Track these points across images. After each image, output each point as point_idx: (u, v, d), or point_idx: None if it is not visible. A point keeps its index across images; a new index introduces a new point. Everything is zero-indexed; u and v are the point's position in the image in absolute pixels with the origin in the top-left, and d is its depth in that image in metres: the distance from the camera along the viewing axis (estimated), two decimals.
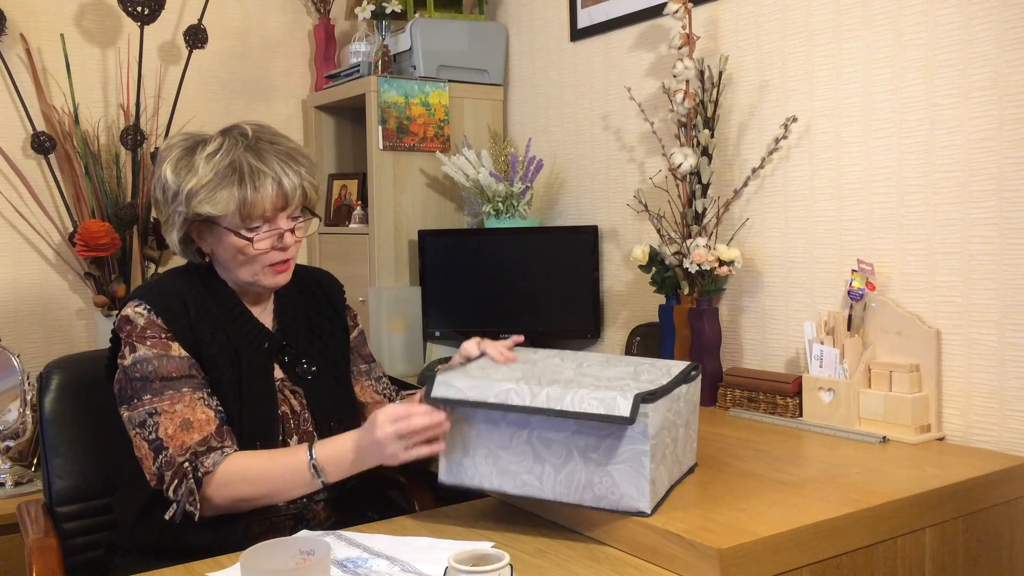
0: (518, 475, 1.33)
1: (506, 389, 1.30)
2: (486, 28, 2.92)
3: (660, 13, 2.26)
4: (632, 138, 2.48)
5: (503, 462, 1.34)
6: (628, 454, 1.26)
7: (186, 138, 1.50)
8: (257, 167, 1.43)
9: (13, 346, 2.44)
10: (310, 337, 1.60)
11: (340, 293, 1.70)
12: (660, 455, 1.30)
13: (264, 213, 1.44)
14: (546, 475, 1.31)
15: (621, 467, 1.27)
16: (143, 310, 1.44)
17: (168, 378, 1.41)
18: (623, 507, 1.28)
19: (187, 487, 1.36)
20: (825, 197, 1.98)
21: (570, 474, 1.30)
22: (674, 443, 1.38)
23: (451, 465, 1.38)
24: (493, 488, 1.36)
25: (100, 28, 2.81)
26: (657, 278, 2.20)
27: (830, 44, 1.96)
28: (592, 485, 1.29)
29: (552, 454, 1.31)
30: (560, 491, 1.31)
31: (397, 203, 2.77)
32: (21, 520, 1.65)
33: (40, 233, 2.71)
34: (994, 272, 1.69)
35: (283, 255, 1.48)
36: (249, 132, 1.48)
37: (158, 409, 1.39)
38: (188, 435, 1.38)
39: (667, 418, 1.32)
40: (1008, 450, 1.66)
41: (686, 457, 1.47)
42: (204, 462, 1.37)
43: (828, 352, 1.84)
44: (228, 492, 1.37)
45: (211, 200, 1.42)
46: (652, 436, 1.26)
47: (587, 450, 1.28)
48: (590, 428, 1.28)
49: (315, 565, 1.08)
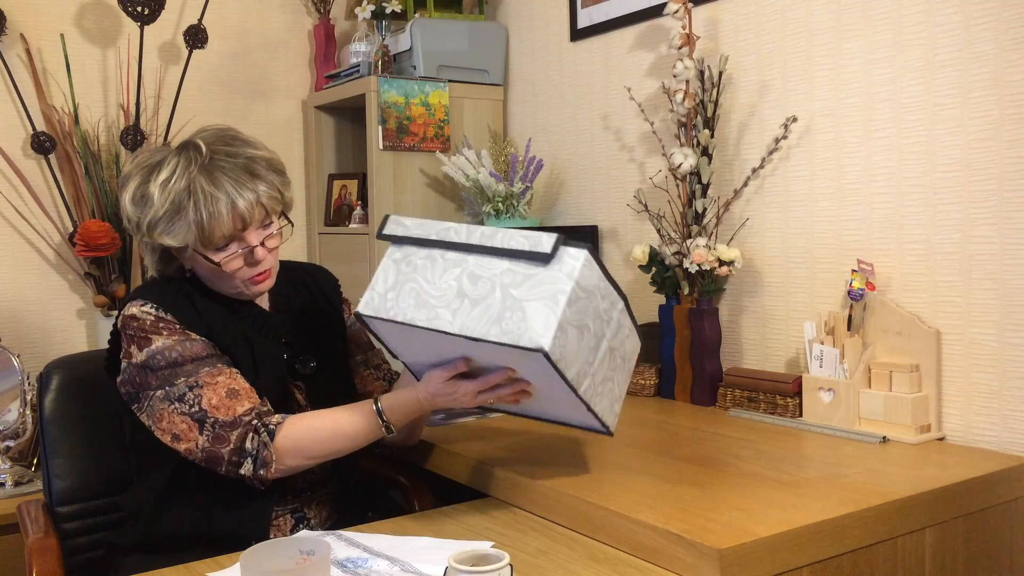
0: (434, 308, 1.32)
1: (447, 227, 1.36)
2: (486, 28, 2.92)
3: (660, 13, 2.26)
4: (632, 138, 2.48)
5: (425, 295, 1.34)
6: (547, 292, 1.26)
7: (143, 160, 1.47)
8: (210, 192, 1.39)
9: (13, 346, 2.44)
10: (308, 332, 1.60)
11: (335, 286, 1.70)
12: (578, 320, 1.28)
13: (225, 236, 1.42)
14: (462, 310, 1.30)
15: (535, 304, 1.26)
16: (150, 308, 1.43)
17: (198, 358, 1.40)
18: (524, 342, 1.24)
19: (261, 440, 1.36)
20: (825, 197, 1.98)
21: (485, 308, 1.29)
22: (595, 340, 1.34)
23: (374, 296, 1.39)
24: (405, 320, 1.33)
25: (100, 28, 2.81)
26: (657, 278, 2.20)
27: (830, 44, 1.96)
28: (502, 319, 1.27)
29: (476, 289, 1.31)
30: (469, 325, 1.29)
31: (397, 203, 2.77)
32: (21, 520, 1.65)
33: (40, 233, 2.71)
34: (994, 272, 1.69)
35: (257, 269, 1.47)
36: (203, 148, 1.44)
37: (199, 382, 1.39)
38: (239, 402, 1.38)
39: (596, 301, 1.32)
40: (1008, 450, 1.66)
41: (603, 394, 1.41)
42: (270, 419, 1.39)
43: (828, 352, 1.84)
44: (298, 446, 1.39)
45: (170, 232, 1.41)
46: (577, 282, 1.26)
47: (510, 287, 1.29)
48: (520, 266, 1.30)
49: (315, 565, 1.08)
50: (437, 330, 1.30)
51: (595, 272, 1.31)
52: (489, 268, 1.31)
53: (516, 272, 1.30)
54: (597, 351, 1.36)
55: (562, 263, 1.28)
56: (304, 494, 1.53)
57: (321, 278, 1.69)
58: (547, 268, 1.28)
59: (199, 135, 1.48)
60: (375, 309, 1.38)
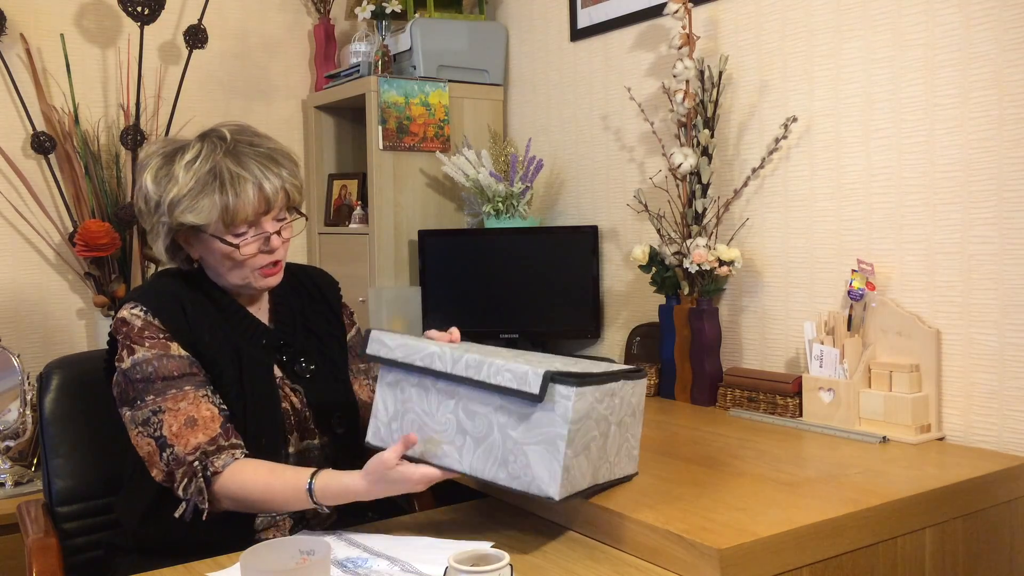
0: (439, 444, 1.31)
1: (431, 353, 1.32)
2: (486, 28, 2.92)
3: (660, 13, 2.26)
4: (632, 138, 2.48)
5: (428, 429, 1.32)
6: (545, 435, 1.23)
7: (164, 145, 1.48)
8: (237, 172, 1.42)
9: (13, 346, 2.44)
10: (307, 335, 1.59)
11: (336, 291, 1.69)
12: (582, 445, 1.26)
13: (247, 218, 1.43)
14: (466, 447, 1.29)
15: (536, 448, 1.23)
16: (139, 312, 1.44)
17: (169, 377, 1.41)
18: (533, 490, 1.24)
19: (196, 486, 1.36)
20: (825, 197, 1.98)
21: (488, 449, 1.27)
22: (603, 438, 1.32)
23: (379, 427, 1.38)
24: (414, 454, 1.33)
25: (100, 28, 2.81)
26: (657, 278, 2.20)
27: (830, 44, 1.96)
28: (507, 463, 1.26)
29: (475, 426, 1.28)
30: (477, 466, 1.28)
31: (397, 203, 2.77)
32: (21, 520, 1.65)
33: (40, 233, 2.71)
34: (994, 272, 1.69)
35: (271, 257, 1.48)
36: (227, 136, 1.46)
37: (162, 407, 1.39)
38: (194, 434, 1.38)
39: (597, 410, 1.28)
40: (1008, 450, 1.67)
41: (620, 460, 1.40)
42: (214, 462, 1.37)
43: (828, 352, 1.84)
44: (229, 497, 1.38)
45: (193, 209, 1.41)
46: (573, 421, 1.22)
47: (507, 427, 1.26)
48: (512, 404, 1.25)
49: (315, 565, 1.08)
50: (449, 468, 1.31)
51: (588, 397, 1.25)
52: (483, 403, 1.28)
53: (510, 411, 1.26)
54: (606, 441, 1.34)
55: (555, 403, 1.22)
56: None
57: (322, 282, 1.68)
58: (540, 408, 1.24)
59: (219, 126, 1.50)
60: (383, 440, 1.38)
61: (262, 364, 1.50)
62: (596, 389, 1.27)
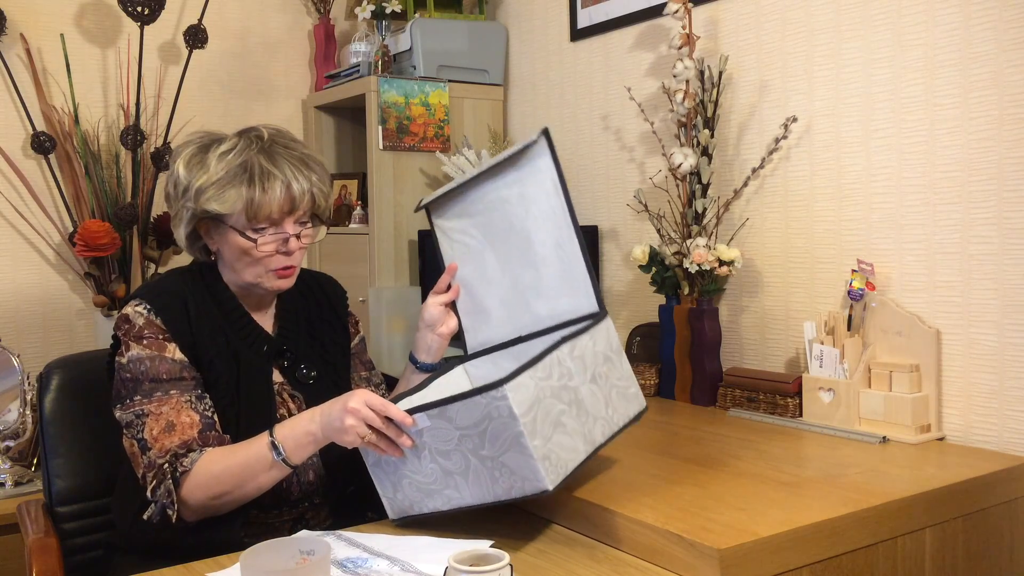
0: (440, 492, 1.33)
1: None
2: (486, 28, 2.92)
3: (660, 13, 2.26)
4: (632, 138, 2.48)
5: (423, 485, 1.34)
6: (508, 441, 1.23)
7: (202, 136, 1.51)
8: (268, 169, 1.44)
9: (13, 346, 2.44)
10: (311, 342, 1.59)
11: (343, 299, 1.70)
12: (551, 425, 1.26)
13: (271, 215, 1.44)
14: (460, 485, 1.31)
15: (510, 455, 1.23)
16: (143, 309, 1.44)
17: (158, 380, 1.41)
18: (528, 492, 1.25)
19: (165, 487, 1.36)
20: (825, 197, 1.98)
21: (476, 476, 1.29)
22: (575, 405, 1.32)
23: (391, 502, 1.40)
24: (430, 510, 1.36)
25: (100, 28, 2.81)
26: (657, 278, 2.20)
27: (830, 44, 1.96)
28: (496, 480, 1.27)
29: (454, 464, 1.30)
30: (478, 494, 1.30)
31: (397, 203, 2.77)
32: (21, 520, 1.65)
33: (40, 233, 2.71)
34: (994, 272, 1.69)
35: (287, 260, 1.48)
36: (265, 135, 1.49)
37: (145, 411, 1.40)
38: (169, 438, 1.38)
39: (547, 386, 1.27)
40: (1008, 450, 1.67)
41: (616, 408, 1.41)
42: (183, 462, 1.37)
43: (828, 352, 1.84)
44: (201, 492, 1.36)
45: (219, 198, 1.43)
46: (523, 414, 1.21)
47: (477, 450, 1.26)
48: (468, 429, 1.25)
49: (315, 565, 1.08)
50: (460, 507, 1.33)
51: (527, 384, 1.24)
52: (445, 441, 1.29)
53: (470, 436, 1.26)
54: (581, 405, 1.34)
55: (496, 409, 1.21)
56: (301, 504, 1.52)
57: (330, 289, 1.69)
58: (489, 420, 1.23)
59: (259, 126, 1.53)
60: (400, 511, 1.39)
61: (260, 370, 1.50)
62: (533, 372, 1.25)
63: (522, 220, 1.53)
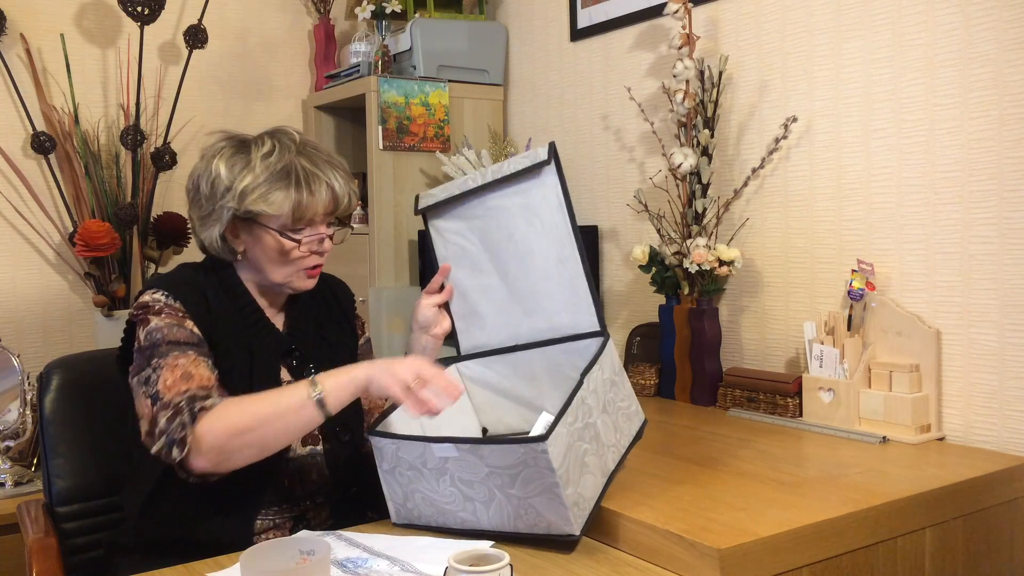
0: (455, 513, 1.34)
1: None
2: (486, 28, 2.92)
3: (660, 13, 2.26)
4: (632, 138, 2.48)
5: (438, 504, 1.35)
6: (541, 487, 1.24)
7: (231, 136, 1.51)
8: (312, 171, 1.46)
9: (13, 346, 2.44)
10: (319, 342, 1.60)
11: (351, 301, 1.71)
12: (578, 468, 1.28)
13: (315, 216, 1.47)
14: (479, 511, 1.31)
15: (539, 499, 1.25)
16: (160, 296, 1.44)
17: (176, 342, 1.39)
18: (553, 532, 1.27)
19: (180, 421, 1.31)
20: (825, 197, 1.98)
21: (499, 509, 1.30)
22: (595, 440, 1.34)
23: (399, 508, 1.40)
24: (438, 526, 1.36)
25: (100, 28, 2.81)
26: (657, 278, 2.20)
27: (830, 44, 1.96)
28: (520, 516, 1.28)
29: (476, 493, 1.30)
30: (496, 523, 1.31)
31: (397, 203, 2.77)
32: (21, 520, 1.65)
33: (40, 233, 2.71)
34: (994, 272, 1.69)
35: (319, 260, 1.51)
36: (297, 138, 1.51)
37: (162, 364, 1.37)
38: (187, 383, 1.35)
39: (573, 430, 1.28)
40: (1008, 450, 1.67)
41: (622, 432, 1.43)
42: (203, 403, 1.34)
43: (828, 352, 1.84)
44: (221, 424, 1.31)
45: (266, 199, 1.43)
46: (559, 465, 1.23)
47: (504, 487, 1.27)
48: (499, 468, 1.26)
49: (315, 565, 1.08)
50: (474, 530, 1.33)
51: (561, 435, 1.25)
52: (473, 473, 1.29)
53: (499, 474, 1.27)
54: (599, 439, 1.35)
55: (535, 459, 1.22)
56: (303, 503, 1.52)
57: (340, 291, 1.70)
58: (523, 467, 1.24)
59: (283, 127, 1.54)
60: (407, 519, 1.40)
61: (271, 366, 1.51)
62: (565, 420, 1.26)
63: (523, 231, 1.53)
